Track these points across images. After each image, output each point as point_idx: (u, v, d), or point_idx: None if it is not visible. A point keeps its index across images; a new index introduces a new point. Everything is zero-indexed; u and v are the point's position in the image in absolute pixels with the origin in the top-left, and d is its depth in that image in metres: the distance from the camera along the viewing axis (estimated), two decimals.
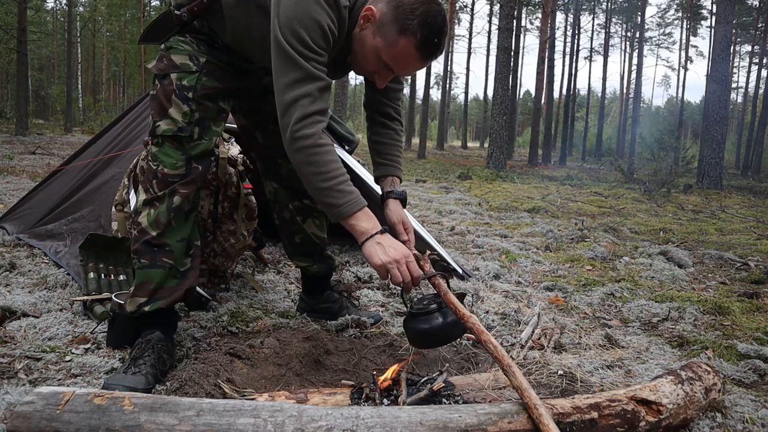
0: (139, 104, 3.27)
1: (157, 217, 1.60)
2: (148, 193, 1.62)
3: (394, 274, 1.43)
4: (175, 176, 1.60)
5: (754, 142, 21.29)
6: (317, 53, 1.43)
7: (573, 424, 1.18)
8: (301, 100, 1.41)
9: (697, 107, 52.58)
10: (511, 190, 8.09)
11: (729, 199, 8.77)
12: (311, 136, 1.42)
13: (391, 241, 1.47)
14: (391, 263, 1.42)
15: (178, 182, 1.61)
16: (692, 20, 30.53)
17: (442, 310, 1.50)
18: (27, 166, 7.26)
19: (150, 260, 1.61)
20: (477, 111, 60.06)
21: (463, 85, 32.98)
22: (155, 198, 1.60)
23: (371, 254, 1.44)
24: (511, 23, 13.41)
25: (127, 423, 1.07)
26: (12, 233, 3.12)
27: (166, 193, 1.60)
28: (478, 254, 3.49)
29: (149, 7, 31.59)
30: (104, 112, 21.42)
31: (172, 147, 1.60)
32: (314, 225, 2.05)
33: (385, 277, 1.45)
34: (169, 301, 1.64)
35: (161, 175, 1.60)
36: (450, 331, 1.51)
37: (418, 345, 1.61)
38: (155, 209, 1.60)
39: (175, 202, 1.61)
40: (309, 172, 1.44)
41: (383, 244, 1.44)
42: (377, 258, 1.43)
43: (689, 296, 2.66)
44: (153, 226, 1.60)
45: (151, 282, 1.61)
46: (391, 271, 1.43)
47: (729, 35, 11.29)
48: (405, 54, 1.44)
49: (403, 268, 1.44)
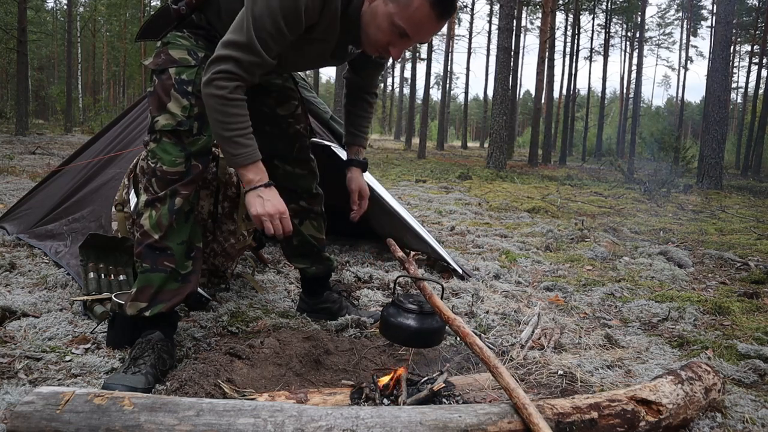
0: (139, 104, 3.27)
1: (159, 219, 1.59)
2: (148, 193, 1.60)
3: (266, 227, 1.54)
4: (175, 174, 1.59)
5: (754, 142, 21.28)
6: (276, 34, 1.46)
7: (573, 424, 1.18)
8: (232, 62, 1.46)
9: (697, 107, 52.58)
10: (511, 190, 8.09)
11: (729, 199, 8.77)
12: (225, 88, 1.47)
13: (271, 195, 1.55)
14: (265, 216, 1.53)
15: (178, 182, 1.60)
16: (692, 20, 30.55)
17: (422, 313, 1.52)
18: (27, 166, 7.26)
19: (151, 264, 1.61)
20: (477, 111, 60.05)
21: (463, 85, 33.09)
22: (156, 198, 1.59)
23: (250, 204, 1.54)
24: (511, 23, 13.40)
25: (127, 423, 1.07)
26: (12, 233, 3.12)
27: (168, 193, 1.59)
28: (478, 254, 3.49)
29: (149, 7, 31.59)
30: (104, 112, 21.38)
31: (170, 143, 1.59)
32: (312, 227, 2.06)
33: (260, 227, 1.56)
34: (170, 305, 1.63)
35: (160, 173, 1.58)
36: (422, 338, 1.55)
37: (386, 336, 1.63)
38: (157, 211, 1.59)
39: (176, 204, 1.60)
40: (215, 119, 1.50)
41: (263, 197, 1.54)
42: (254, 209, 1.54)
43: (689, 296, 2.66)
44: (155, 229, 1.59)
45: (152, 287, 1.61)
46: (264, 223, 1.54)
47: (729, 35, 11.29)
48: (420, 14, 1.44)
49: (276, 223, 1.54)
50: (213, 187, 2.29)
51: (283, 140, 1.96)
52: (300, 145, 1.99)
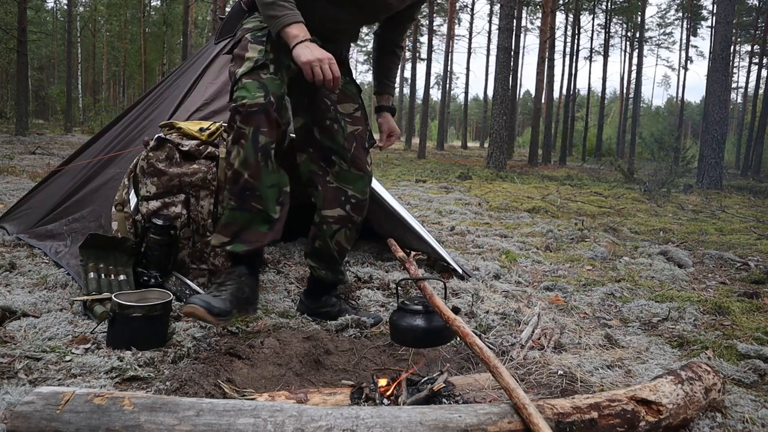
0: (140, 104, 3.27)
1: (246, 157, 1.67)
2: (232, 131, 1.69)
3: (316, 72, 1.63)
4: (254, 106, 1.65)
5: (754, 142, 21.27)
6: None
7: (573, 424, 1.18)
8: None
9: (697, 107, 52.58)
10: (511, 190, 8.09)
11: (729, 199, 8.77)
12: None
13: (316, 46, 1.66)
14: (315, 61, 1.62)
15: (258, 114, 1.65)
16: (692, 20, 30.52)
17: (428, 313, 1.53)
18: (27, 166, 7.26)
19: (238, 202, 1.71)
20: (477, 111, 60.01)
21: (463, 85, 33.09)
22: (240, 135, 1.66)
23: (300, 54, 1.64)
24: (511, 23, 13.40)
25: (127, 423, 1.07)
26: (12, 233, 3.12)
27: (251, 130, 1.66)
28: (478, 254, 3.49)
29: (149, 7, 31.59)
30: (104, 112, 21.36)
31: (249, 81, 1.69)
32: (344, 236, 2.07)
33: (310, 75, 1.64)
34: (252, 249, 1.74)
35: (242, 110, 1.66)
36: (432, 337, 1.56)
37: (396, 340, 1.64)
38: (242, 148, 1.67)
39: (260, 141, 1.67)
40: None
41: (310, 47, 1.64)
42: (303, 57, 1.63)
43: (689, 296, 2.66)
44: (243, 166, 1.67)
45: (236, 224, 1.72)
46: (314, 68, 1.62)
47: (729, 35, 11.29)
48: None
49: (325, 66, 1.63)
50: (213, 187, 2.29)
51: (341, 138, 2.01)
52: (357, 146, 2.03)
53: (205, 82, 2.83)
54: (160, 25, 27.84)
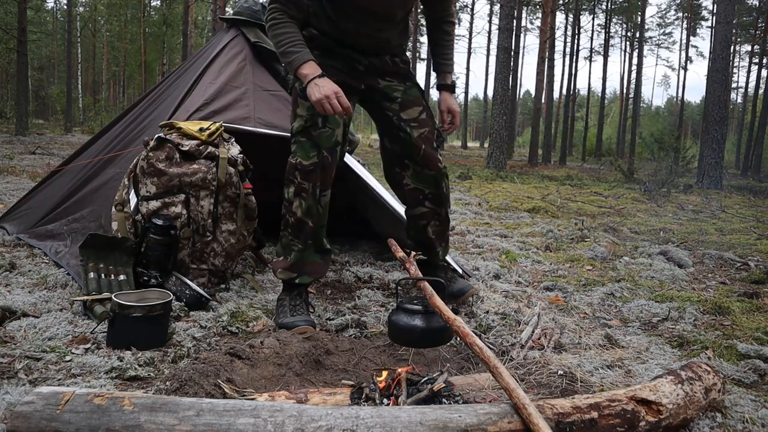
0: (140, 104, 3.27)
1: (308, 208, 1.96)
2: (293, 186, 1.96)
3: (326, 108, 1.80)
4: (310, 165, 1.93)
5: (754, 142, 21.26)
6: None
7: (573, 424, 1.18)
8: (276, 2, 1.91)
9: (697, 107, 52.55)
10: (511, 190, 8.09)
11: (729, 199, 8.77)
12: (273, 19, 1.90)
13: (325, 82, 1.82)
14: (323, 99, 1.79)
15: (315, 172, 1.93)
16: (692, 20, 30.52)
17: (427, 313, 1.52)
18: (27, 166, 7.26)
19: (304, 245, 2.01)
20: (477, 111, 60.00)
21: (463, 85, 32.97)
22: (302, 189, 1.95)
23: (310, 94, 1.82)
24: (511, 23, 13.40)
25: (127, 423, 1.07)
26: (12, 233, 3.12)
27: (311, 185, 1.94)
28: (478, 254, 3.49)
29: (149, 7, 31.58)
30: (104, 112, 21.35)
31: (304, 140, 1.95)
32: (433, 228, 2.27)
33: (321, 111, 1.82)
34: (315, 277, 2.11)
35: (301, 167, 1.94)
36: (431, 337, 1.55)
37: (395, 340, 1.64)
38: (305, 201, 1.95)
39: (318, 193, 1.95)
40: (272, 41, 1.93)
41: (318, 85, 1.81)
42: (313, 96, 1.81)
43: (689, 296, 2.66)
44: (307, 216, 1.97)
45: (302, 263, 2.03)
46: (323, 105, 1.80)
47: (729, 35, 11.29)
48: None
49: (333, 102, 1.80)
50: (213, 187, 2.29)
51: (410, 142, 2.14)
52: (426, 147, 2.15)
53: (205, 82, 2.83)
54: (160, 25, 27.81)
